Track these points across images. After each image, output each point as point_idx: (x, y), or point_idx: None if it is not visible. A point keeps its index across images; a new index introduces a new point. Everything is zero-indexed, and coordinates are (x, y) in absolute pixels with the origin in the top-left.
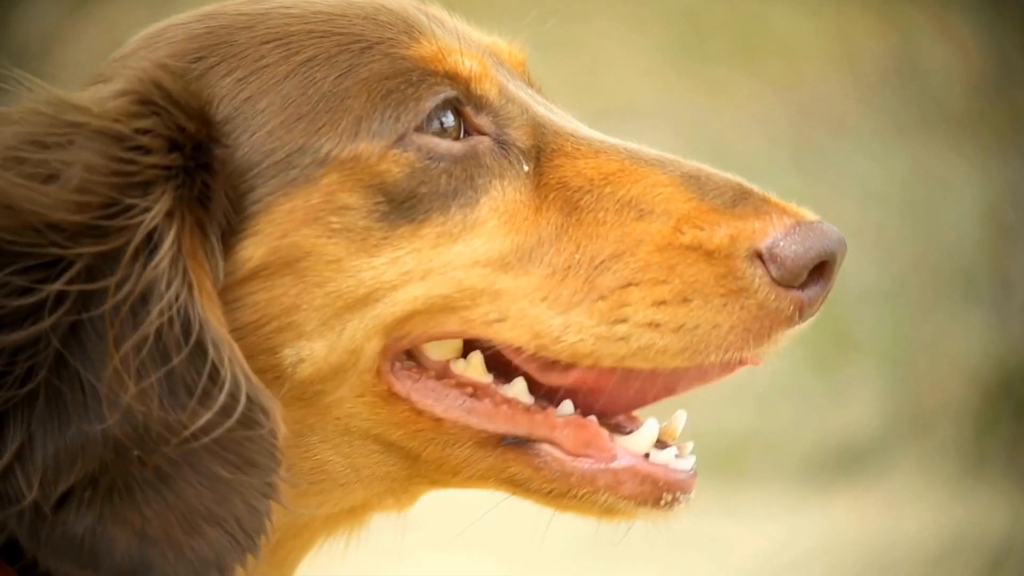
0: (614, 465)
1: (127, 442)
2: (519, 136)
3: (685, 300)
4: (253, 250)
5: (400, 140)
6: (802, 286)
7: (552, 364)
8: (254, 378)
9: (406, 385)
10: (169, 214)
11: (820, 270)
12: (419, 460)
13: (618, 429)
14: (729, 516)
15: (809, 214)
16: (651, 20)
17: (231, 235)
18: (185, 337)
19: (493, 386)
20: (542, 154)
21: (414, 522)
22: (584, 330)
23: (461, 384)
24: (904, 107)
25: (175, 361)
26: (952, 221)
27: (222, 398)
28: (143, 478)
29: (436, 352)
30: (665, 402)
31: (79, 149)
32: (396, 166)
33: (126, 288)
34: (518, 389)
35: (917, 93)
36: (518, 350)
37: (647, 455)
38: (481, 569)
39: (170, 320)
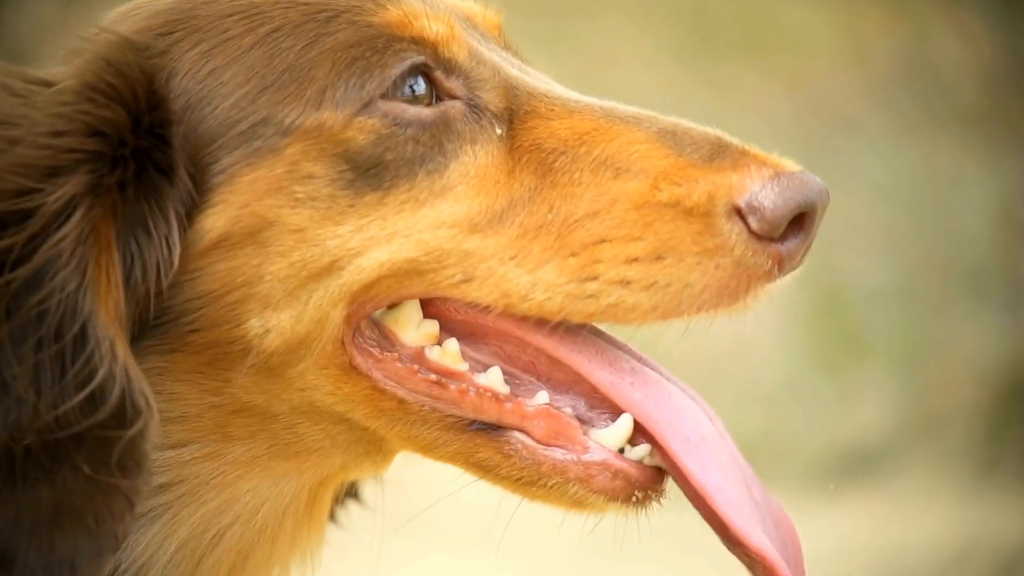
0: (586, 458)
1: (13, 427)
2: (491, 99)
3: (659, 257)
4: (214, 220)
5: (365, 107)
6: (781, 238)
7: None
8: (137, 379)
9: (368, 362)
10: (73, 201)
11: (800, 222)
12: (386, 440)
13: (592, 422)
14: None
15: (790, 164)
16: (658, 16)
17: (194, 208)
18: (67, 327)
19: (468, 374)
20: (515, 116)
21: (422, 523)
22: (553, 288)
23: (436, 370)
24: (914, 103)
25: (50, 350)
26: (964, 219)
27: (87, 392)
28: (27, 464)
29: (411, 337)
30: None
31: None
32: (361, 133)
33: (17, 272)
34: (493, 378)
35: (928, 89)
36: (486, 309)
37: (621, 450)
38: (487, 570)
39: (53, 308)
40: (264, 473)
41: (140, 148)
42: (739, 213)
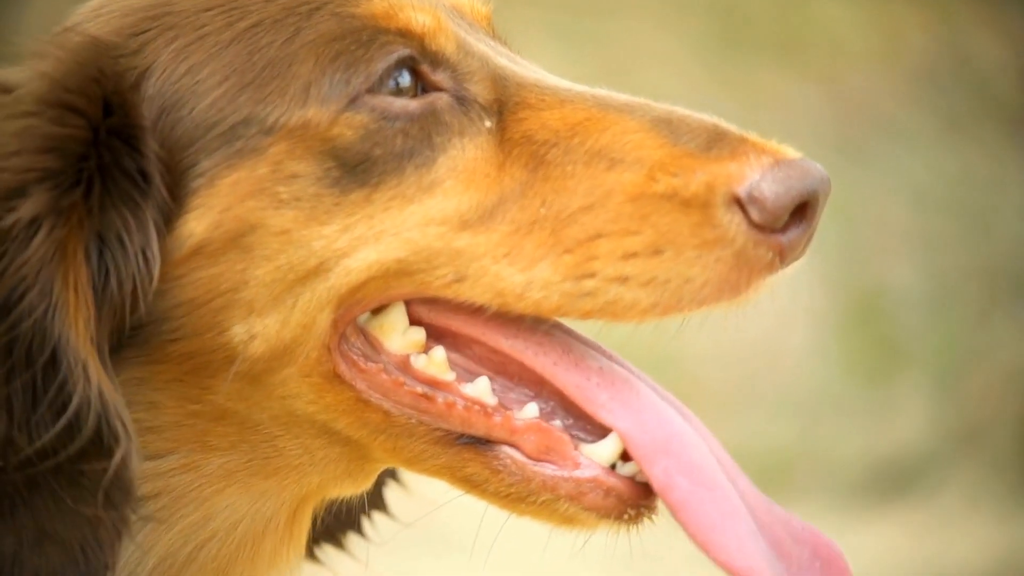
0: (577, 474)
1: None
2: (479, 91)
3: (657, 252)
4: (194, 226)
5: (352, 103)
6: (783, 228)
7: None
8: (113, 403)
9: (352, 371)
10: (35, 222)
11: (801, 211)
12: (369, 451)
13: (582, 437)
14: None
15: (790, 151)
16: (686, 14)
17: (173, 214)
18: (37, 353)
19: (455, 384)
20: (505, 108)
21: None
22: (549, 286)
23: (421, 379)
24: (954, 103)
25: (22, 378)
26: (1005, 223)
27: (64, 421)
28: (8, 489)
29: (396, 344)
30: (697, 410)
31: None
32: (349, 129)
33: None
34: (481, 388)
35: (967, 88)
36: (479, 309)
37: (613, 466)
38: None
39: (22, 335)
40: (242, 489)
41: (106, 158)
42: (739, 203)
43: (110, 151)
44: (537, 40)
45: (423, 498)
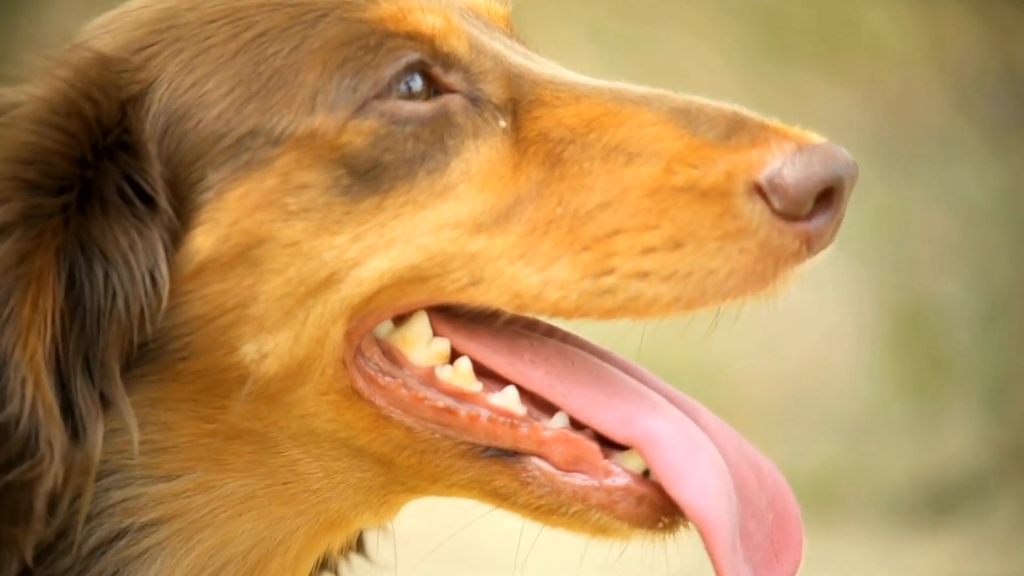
0: (608, 483)
1: None
2: (493, 90)
3: (677, 245)
4: (202, 241)
5: (360, 109)
6: (809, 216)
7: None
8: (46, 424)
9: (370, 387)
10: (2, 230)
11: (828, 197)
12: (393, 466)
13: (614, 444)
14: (815, 557)
15: (814, 137)
16: (728, 21)
17: (181, 230)
18: None
19: (482, 395)
20: (519, 106)
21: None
22: (567, 285)
23: (447, 391)
24: (1002, 112)
25: None
26: None
27: None
28: None
29: (420, 356)
30: (741, 427)
31: None
32: (358, 136)
33: None
34: (509, 399)
35: (1015, 97)
36: (496, 313)
37: (646, 473)
38: None
39: None
40: (261, 515)
41: (101, 176)
42: (760, 192)
43: (106, 169)
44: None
45: (448, 514)
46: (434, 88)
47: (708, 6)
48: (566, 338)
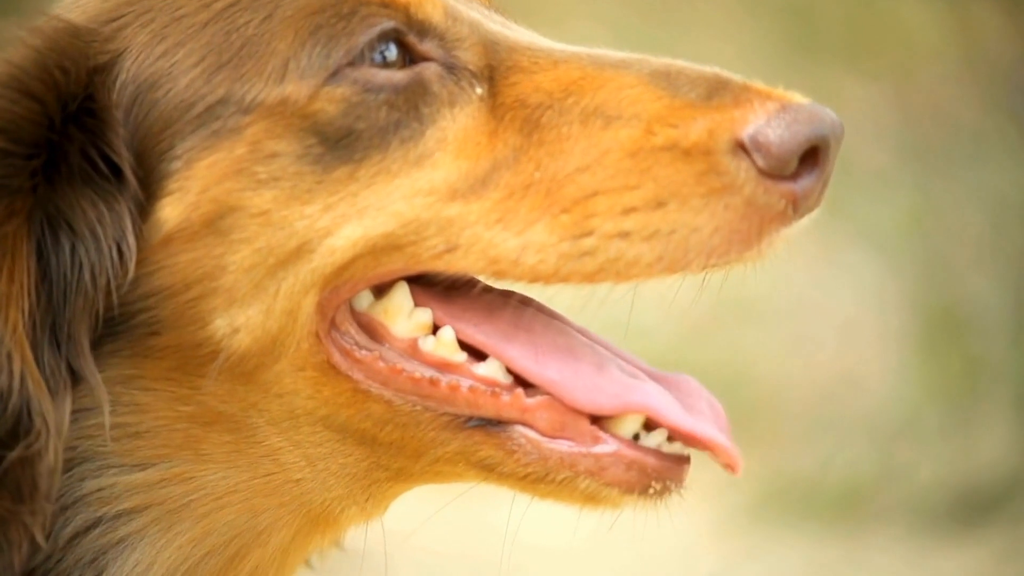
0: (597, 449)
1: None
2: (470, 57)
3: (659, 204)
4: (170, 210)
5: (332, 76)
6: (794, 176)
7: None
8: (36, 397)
9: (347, 361)
10: None
11: (813, 157)
12: (376, 443)
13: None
14: (846, 563)
15: (797, 97)
16: (755, 16)
17: (149, 200)
18: None
19: (466, 365)
20: (496, 73)
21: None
22: (545, 249)
23: (431, 363)
24: None
25: None
26: None
27: None
28: None
29: (402, 328)
30: (770, 432)
31: None
32: (330, 104)
33: None
34: (493, 368)
35: None
36: (473, 280)
37: (636, 437)
38: None
39: None
40: (243, 508)
41: (68, 146)
42: (744, 150)
43: (72, 135)
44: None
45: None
46: (409, 57)
47: (734, 2)
48: (530, 304)
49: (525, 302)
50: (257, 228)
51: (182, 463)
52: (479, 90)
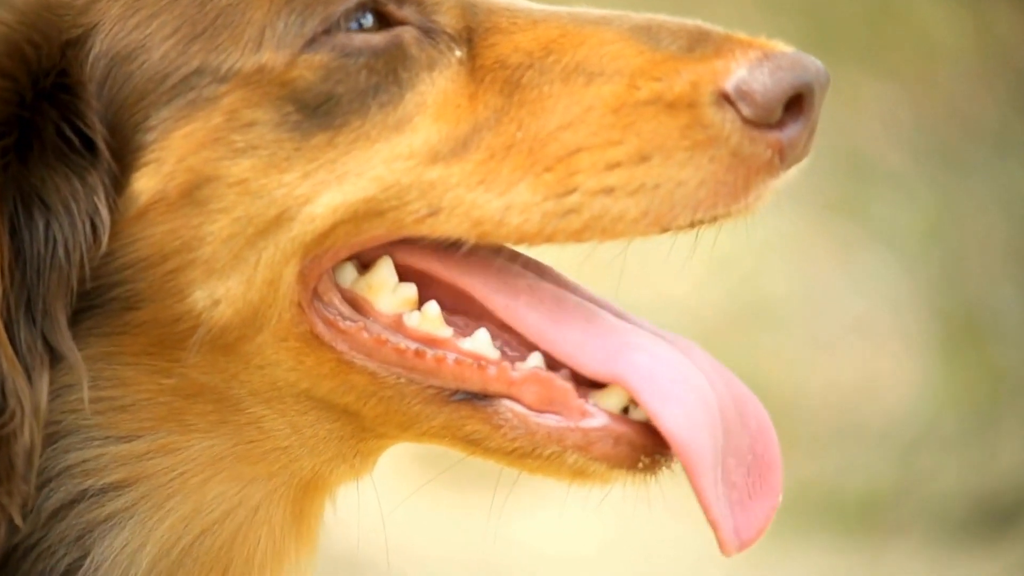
0: (584, 424)
1: None
2: (448, 20)
3: (643, 159)
4: (146, 181)
5: (309, 43)
6: (780, 125)
7: None
8: (10, 375)
9: (331, 332)
10: None
11: (798, 105)
12: (360, 416)
13: (591, 383)
14: (867, 574)
15: (780, 45)
16: (771, 14)
17: (124, 172)
18: None
19: (453, 340)
20: (475, 35)
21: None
22: (529, 208)
23: (416, 338)
24: None
25: None
26: None
27: None
28: None
29: (387, 303)
30: (789, 440)
31: None
32: (308, 71)
33: None
34: (480, 342)
35: None
36: (457, 243)
37: (625, 410)
38: None
39: None
40: (231, 477)
41: (39, 120)
42: (728, 100)
43: (44, 111)
44: None
45: None
46: (387, 23)
47: (751, 2)
48: (543, 274)
49: (512, 258)
50: (235, 197)
51: (167, 434)
52: (458, 52)
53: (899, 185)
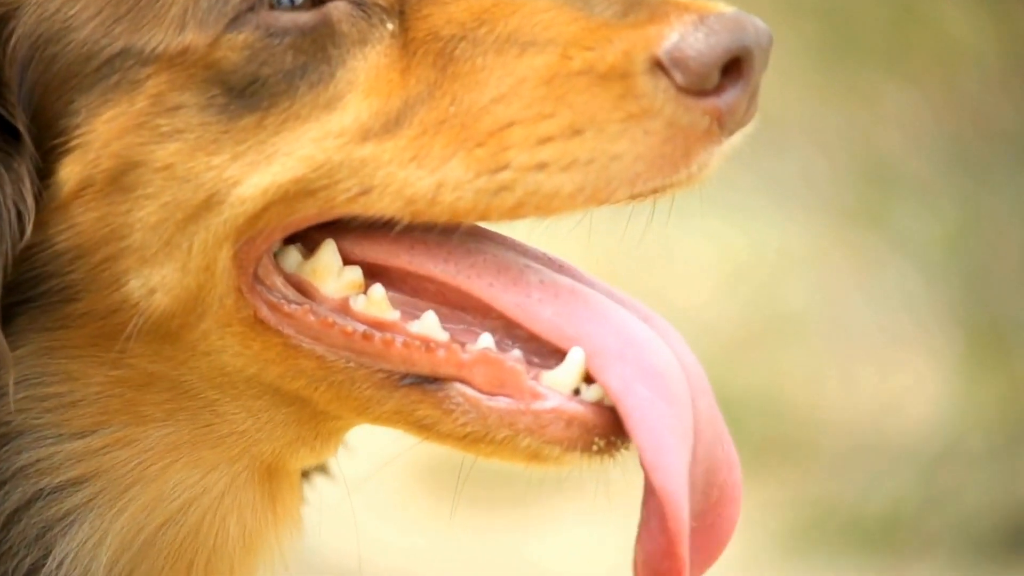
0: (536, 406)
1: None
2: None
3: (576, 132)
4: (71, 168)
5: (233, 22)
6: (717, 91)
7: None
8: None
9: (276, 316)
10: None
11: (736, 69)
12: (312, 402)
13: (541, 364)
14: None
15: (720, 6)
16: (793, 18)
17: (51, 158)
18: None
19: (400, 323)
20: (408, 7)
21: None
22: (461, 185)
23: (364, 321)
24: None
25: None
26: None
27: None
28: None
29: (332, 288)
30: (810, 458)
31: None
32: (232, 51)
33: None
34: (429, 324)
35: None
36: (391, 222)
37: (577, 391)
38: None
39: None
40: (190, 463)
41: None
42: (662, 68)
43: None
44: None
45: None
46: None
47: (772, 3)
48: (504, 242)
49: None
50: (162, 182)
51: (123, 427)
52: (390, 26)
53: (921, 194)
